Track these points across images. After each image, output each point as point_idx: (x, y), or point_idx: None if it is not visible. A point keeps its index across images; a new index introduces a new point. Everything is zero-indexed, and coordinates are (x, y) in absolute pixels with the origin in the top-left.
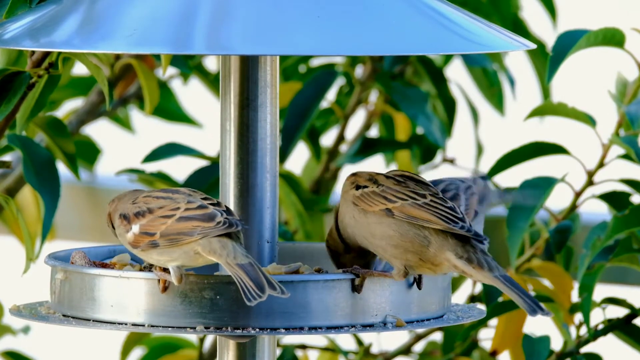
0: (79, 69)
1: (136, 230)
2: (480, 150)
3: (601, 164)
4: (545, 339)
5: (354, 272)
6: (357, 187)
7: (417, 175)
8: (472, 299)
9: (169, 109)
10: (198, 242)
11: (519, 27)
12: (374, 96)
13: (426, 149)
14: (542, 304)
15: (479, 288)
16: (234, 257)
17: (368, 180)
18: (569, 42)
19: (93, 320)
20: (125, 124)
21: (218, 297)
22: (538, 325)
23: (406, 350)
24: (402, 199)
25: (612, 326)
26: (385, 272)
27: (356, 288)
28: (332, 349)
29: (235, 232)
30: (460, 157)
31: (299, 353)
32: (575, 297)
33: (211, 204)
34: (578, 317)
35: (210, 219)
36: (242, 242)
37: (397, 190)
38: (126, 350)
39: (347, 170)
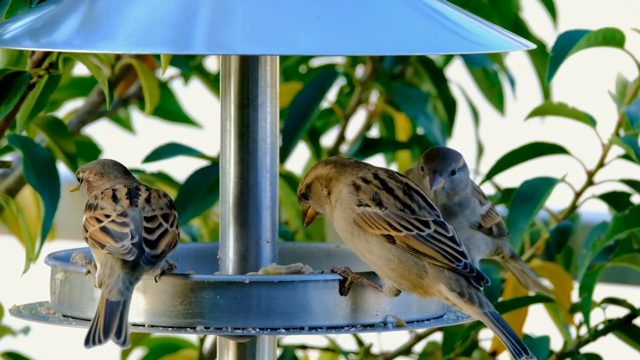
0: (80, 70)
1: (83, 219)
2: (480, 150)
3: (601, 164)
4: (545, 339)
5: (343, 275)
6: (360, 204)
7: (418, 187)
8: None
9: (169, 110)
10: (106, 254)
11: (520, 28)
12: (374, 96)
13: (426, 149)
14: (526, 347)
15: None
16: (109, 290)
17: (371, 200)
18: (569, 42)
19: None
20: (125, 124)
21: (218, 297)
22: (538, 325)
23: (406, 350)
24: (406, 229)
25: (612, 326)
26: (376, 283)
27: (343, 291)
28: (333, 349)
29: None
30: None
31: (299, 353)
32: (575, 297)
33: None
34: (578, 317)
35: (119, 239)
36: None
37: (402, 217)
38: (126, 350)
39: None
